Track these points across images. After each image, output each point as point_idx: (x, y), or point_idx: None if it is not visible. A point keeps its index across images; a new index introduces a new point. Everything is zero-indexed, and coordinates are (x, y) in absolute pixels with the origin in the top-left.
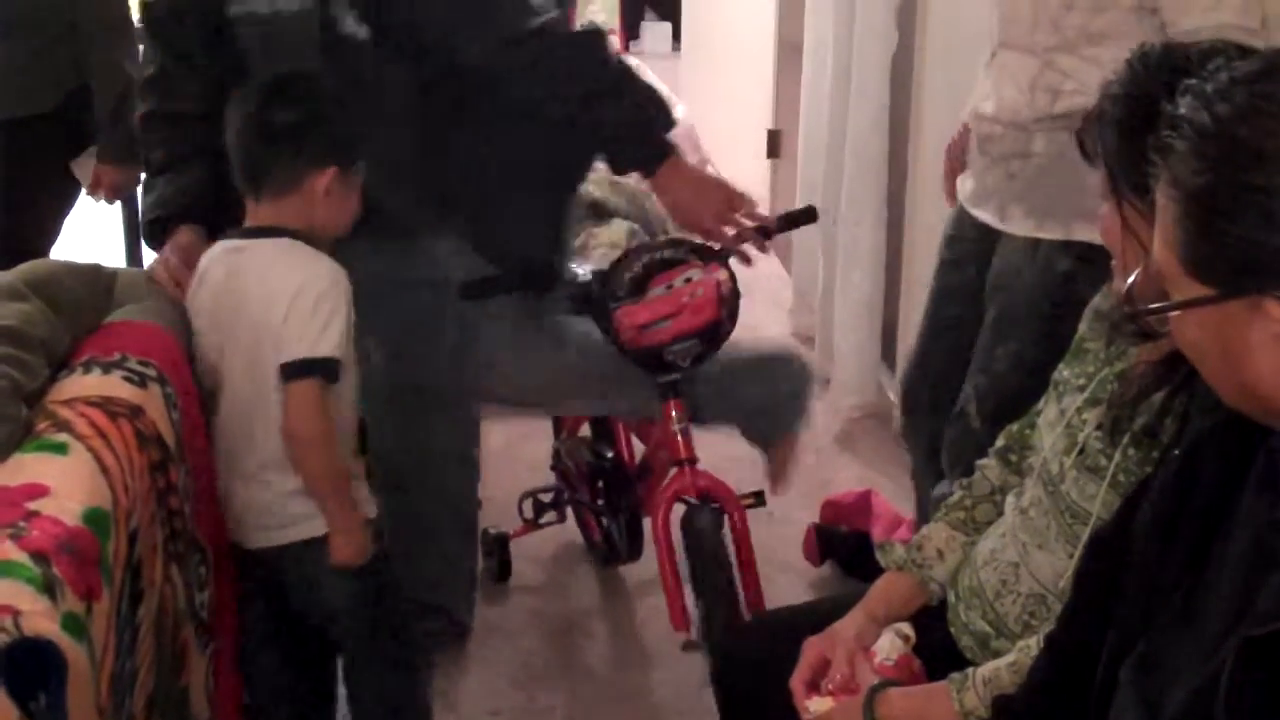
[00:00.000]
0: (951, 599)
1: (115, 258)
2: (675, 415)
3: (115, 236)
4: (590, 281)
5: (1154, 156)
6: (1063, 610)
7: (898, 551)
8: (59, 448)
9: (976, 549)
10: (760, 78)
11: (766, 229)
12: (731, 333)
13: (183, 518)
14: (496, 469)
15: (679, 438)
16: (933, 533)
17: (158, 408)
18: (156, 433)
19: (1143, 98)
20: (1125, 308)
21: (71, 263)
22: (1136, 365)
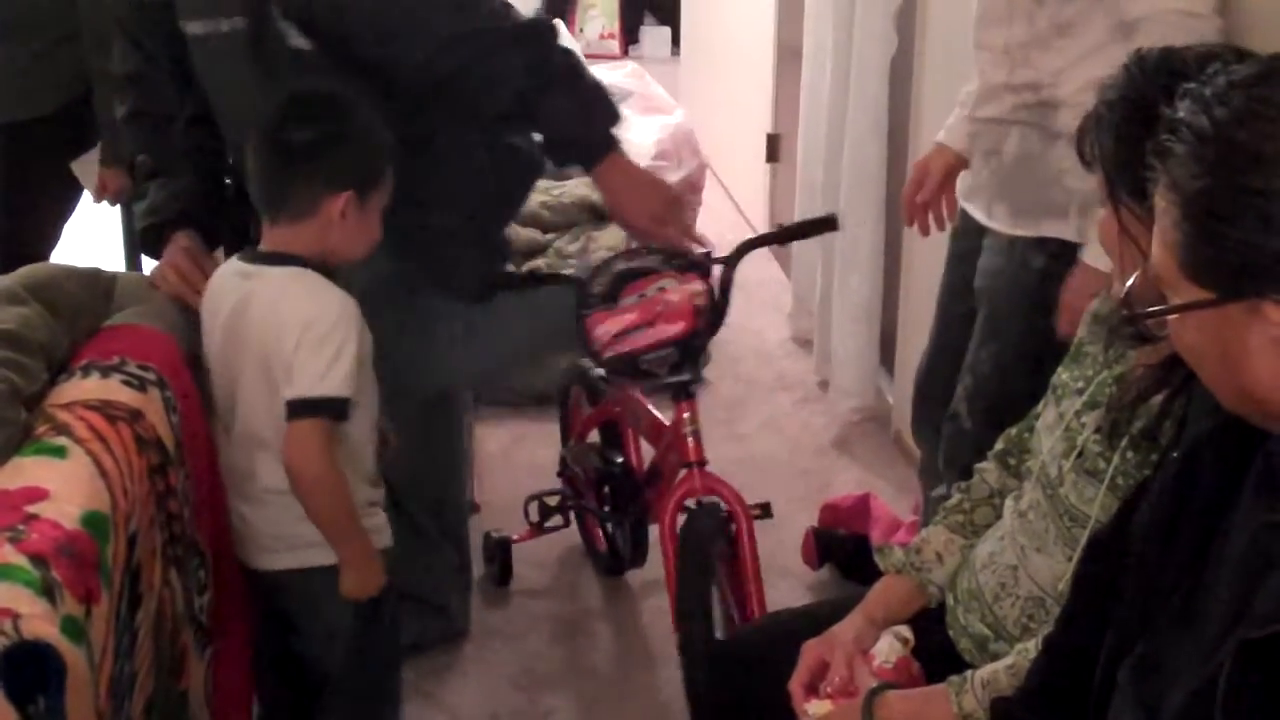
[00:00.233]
0: (950, 602)
1: (115, 262)
2: (687, 417)
3: (115, 240)
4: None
5: (1152, 160)
6: (1061, 613)
7: (896, 555)
8: (58, 451)
9: (975, 552)
10: (759, 82)
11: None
12: (708, 342)
13: (182, 521)
14: (494, 473)
15: (690, 440)
16: (931, 536)
17: (157, 411)
18: (156, 436)
19: (1140, 102)
20: (1123, 311)
21: (71, 267)
22: (1135, 369)
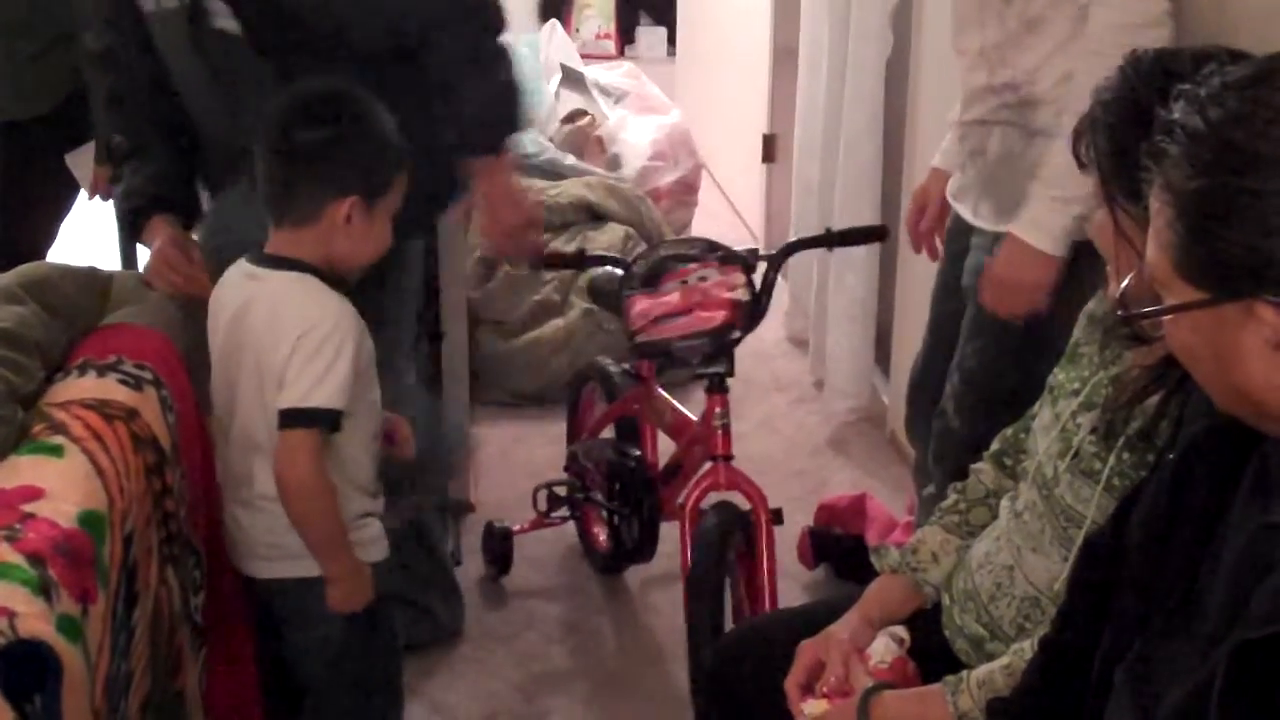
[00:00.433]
0: (946, 602)
1: (111, 261)
2: (719, 411)
3: (110, 240)
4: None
5: (1147, 161)
6: (1057, 613)
7: (892, 555)
8: (54, 450)
9: (971, 552)
10: (755, 82)
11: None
12: (744, 338)
13: (178, 520)
14: (492, 473)
15: (719, 433)
16: (927, 536)
17: (153, 410)
18: (152, 435)
19: (1135, 103)
20: (1119, 312)
21: (67, 265)
22: (1130, 369)
